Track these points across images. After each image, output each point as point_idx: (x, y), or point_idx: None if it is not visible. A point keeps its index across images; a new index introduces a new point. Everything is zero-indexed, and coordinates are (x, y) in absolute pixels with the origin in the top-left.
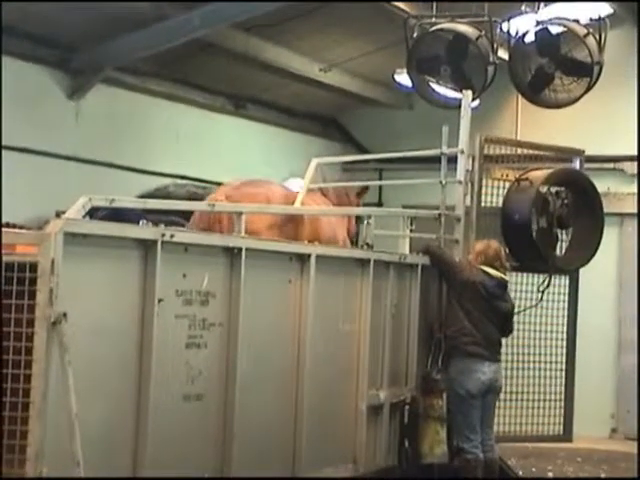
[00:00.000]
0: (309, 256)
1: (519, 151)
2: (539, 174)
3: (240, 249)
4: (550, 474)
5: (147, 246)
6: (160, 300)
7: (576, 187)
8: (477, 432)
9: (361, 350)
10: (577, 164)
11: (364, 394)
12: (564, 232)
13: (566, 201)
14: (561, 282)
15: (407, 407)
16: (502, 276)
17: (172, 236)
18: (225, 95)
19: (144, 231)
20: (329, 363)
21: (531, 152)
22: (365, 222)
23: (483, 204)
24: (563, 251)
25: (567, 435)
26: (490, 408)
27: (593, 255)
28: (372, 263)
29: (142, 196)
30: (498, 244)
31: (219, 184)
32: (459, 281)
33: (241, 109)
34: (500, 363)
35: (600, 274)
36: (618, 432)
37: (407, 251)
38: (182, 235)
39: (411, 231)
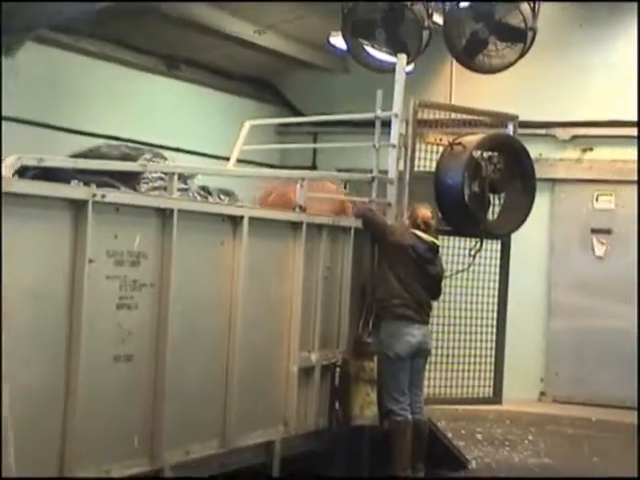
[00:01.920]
0: (241, 218)
1: (453, 116)
2: (472, 139)
3: (172, 210)
4: (479, 436)
5: (78, 206)
6: (91, 261)
7: (509, 152)
8: (406, 394)
9: (293, 312)
10: (510, 129)
11: (295, 356)
12: (496, 197)
13: (499, 166)
14: (493, 247)
15: (338, 369)
16: (433, 240)
17: (103, 196)
18: (159, 56)
19: (74, 191)
20: (261, 325)
21: (465, 117)
22: (298, 185)
23: (416, 168)
24: (495, 216)
25: (497, 398)
26: (419, 371)
27: (524, 220)
28: (305, 226)
29: (74, 156)
30: (430, 208)
31: (152, 145)
32: (390, 244)
33: (175, 70)
34: (429, 326)
35: (531, 239)
36: (547, 395)
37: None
38: (113, 195)
39: (344, 194)
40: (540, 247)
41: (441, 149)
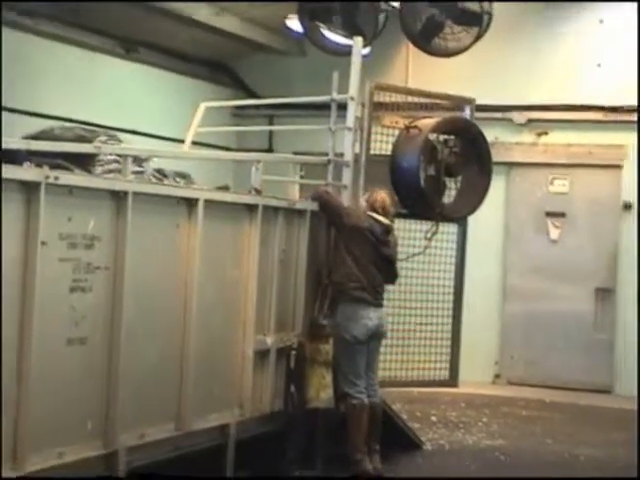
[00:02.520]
0: (197, 201)
1: (409, 99)
2: (428, 122)
3: (126, 192)
4: (434, 418)
5: (30, 188)
6: (43, 243)
7: (465, 135)
8: (362, 377)
9: (249, 295)
10: (467, 113)
11: (251, 339)
12: (452, 180)
13: (455, 149)
14: (450, 230)
15: (294, 352)
16: (389, 223)
17: (57, 178)
18: (116, 38)
19: (27, 172)
20: (216, 308)
21: (421, 100)
22: (254, 167)
23: (373, 151)
24: (451, 199)
25: (453, 380)
26: (375, 353)
27: (480, 204)
28: (260, 209)
29: (28, 138)
30: (385, 191)
31: (108, 127)
32: (347, 226)
33: (132, 52)
34: (383, 309)
35: (487, 223)
36: (501, 378)
37: (297, 197)
38: (67, 177)
39: (301, 177)
40: (495, 230)
41: (397, 132)
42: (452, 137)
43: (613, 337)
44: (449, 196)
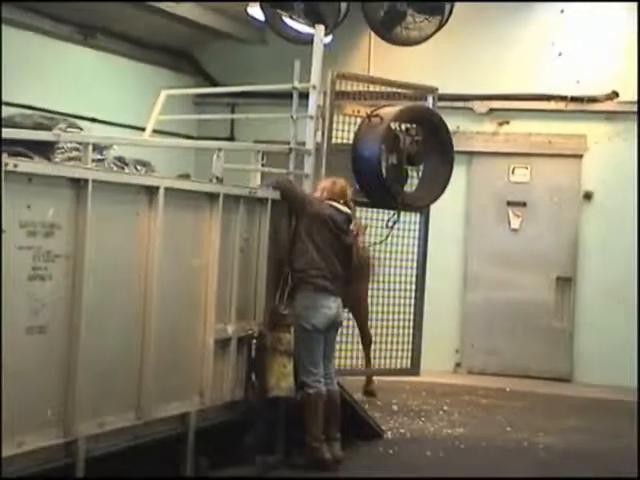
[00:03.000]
0: (157, 188)
1: (371, 88)
2: (390, 110)
3: (87, 180)
4: (395, 407)
5: None
6: (2, 231)
7: (427, 124)
8: (319, 366)
9: (209, 284)
10: (430, 102)
11: (212, 328)
12: (414, 169)
13: (417, 138)
14: (412, 219)
15: (255, 341)
16: (348, 211)
17: (15, 166)
18: (75, 25)
19: None
20: (177, 297)
21: (383, 89)
22: (215, 156)
23: (334, 140)
24: (413, 188)
25: (415, 369)
26: (332, 342)
27: (442, 193)
28: (221, 197)
29: None
30: (344, 181)
31: (68, 115)
32: (308, 214)
33: (91, 39)
34: (341, 297)
35: (448, 212)
36: (462, 366)
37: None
38: (26, 165)
39: (263, 165)
40: (457, 219)
41: (359, 121)
42: (414, 126)
43: (573, 326)
44: (411, 185)
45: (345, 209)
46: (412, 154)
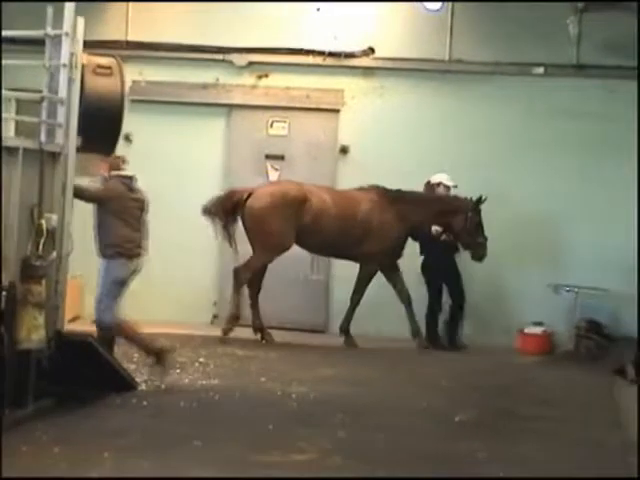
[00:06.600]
0: None
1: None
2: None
3: None
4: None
5: None
6: None
7: None
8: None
9: None
10: None
11: None
12: None
13: None
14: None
15: (4, 293)
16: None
17: None
18: None
19: None
20: None
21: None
22: None
23: None
24: None
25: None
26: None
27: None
28: None
29: None
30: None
31: None
32: (106, 199)
33: None
34: None
35: (207, 164)
36: (219, 318)
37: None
38: None
39: (16, 114)
40: (216, 172)
41: None
42: None
43: (328, 278)
44: None
45: (129, 172)
46: None
